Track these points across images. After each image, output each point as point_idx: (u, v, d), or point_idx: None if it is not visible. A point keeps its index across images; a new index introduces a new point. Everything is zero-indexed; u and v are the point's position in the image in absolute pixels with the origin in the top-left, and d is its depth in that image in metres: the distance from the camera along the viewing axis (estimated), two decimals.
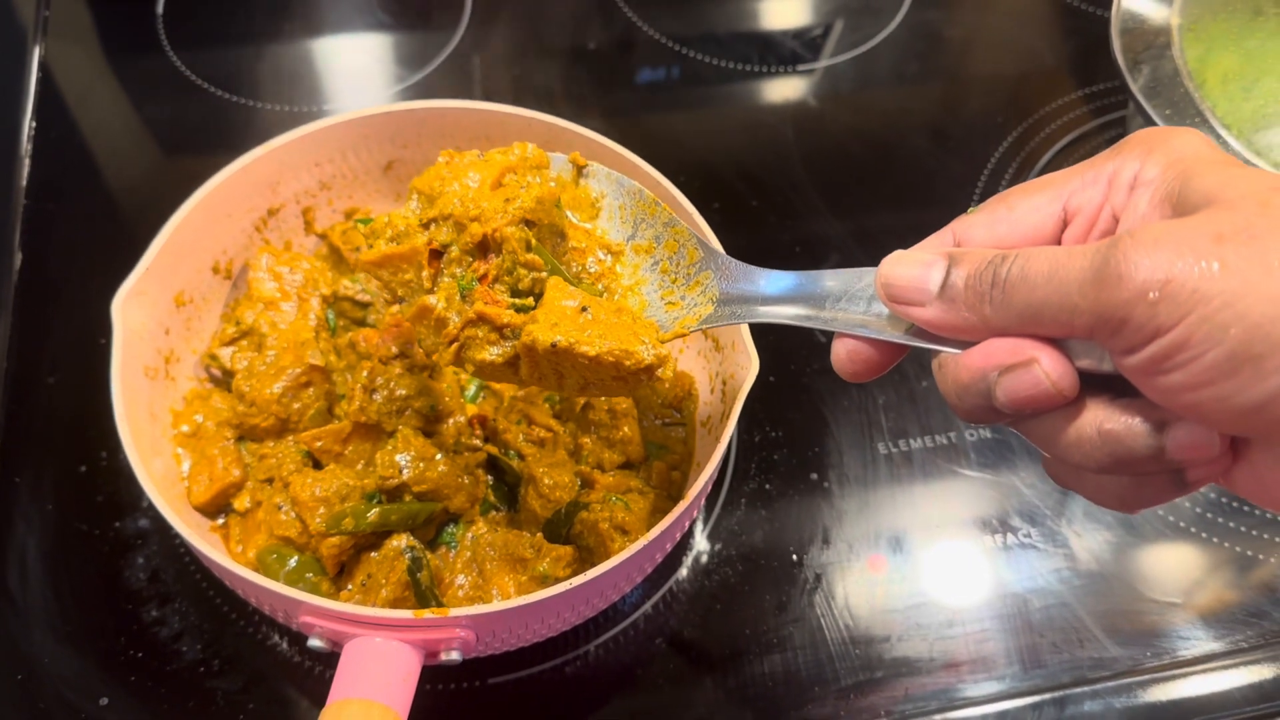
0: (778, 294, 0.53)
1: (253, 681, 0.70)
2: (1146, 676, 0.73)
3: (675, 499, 0.74)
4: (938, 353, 0.45)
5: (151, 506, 0.74)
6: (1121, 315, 0.36)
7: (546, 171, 0.60)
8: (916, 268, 0.44)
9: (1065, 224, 0.45)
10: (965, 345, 0.43)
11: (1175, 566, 0.78)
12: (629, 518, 0.67)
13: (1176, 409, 0.38)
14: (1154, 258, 0.36)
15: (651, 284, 0.58)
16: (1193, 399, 0.37)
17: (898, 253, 0.45)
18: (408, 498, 0.68)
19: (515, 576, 0.68)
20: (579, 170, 0.60)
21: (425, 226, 0.57)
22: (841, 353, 0.48)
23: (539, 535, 0.69)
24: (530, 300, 0.56)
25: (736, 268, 0.56)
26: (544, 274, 0.56)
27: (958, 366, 0.43)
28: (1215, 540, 0.79)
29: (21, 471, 0.77)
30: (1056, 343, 0.41)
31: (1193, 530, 0.79)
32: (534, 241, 0.56)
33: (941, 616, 0.75)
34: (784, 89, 1.08)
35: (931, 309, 0.43)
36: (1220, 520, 0.80)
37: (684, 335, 0.56)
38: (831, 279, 0.49)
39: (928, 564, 0.77)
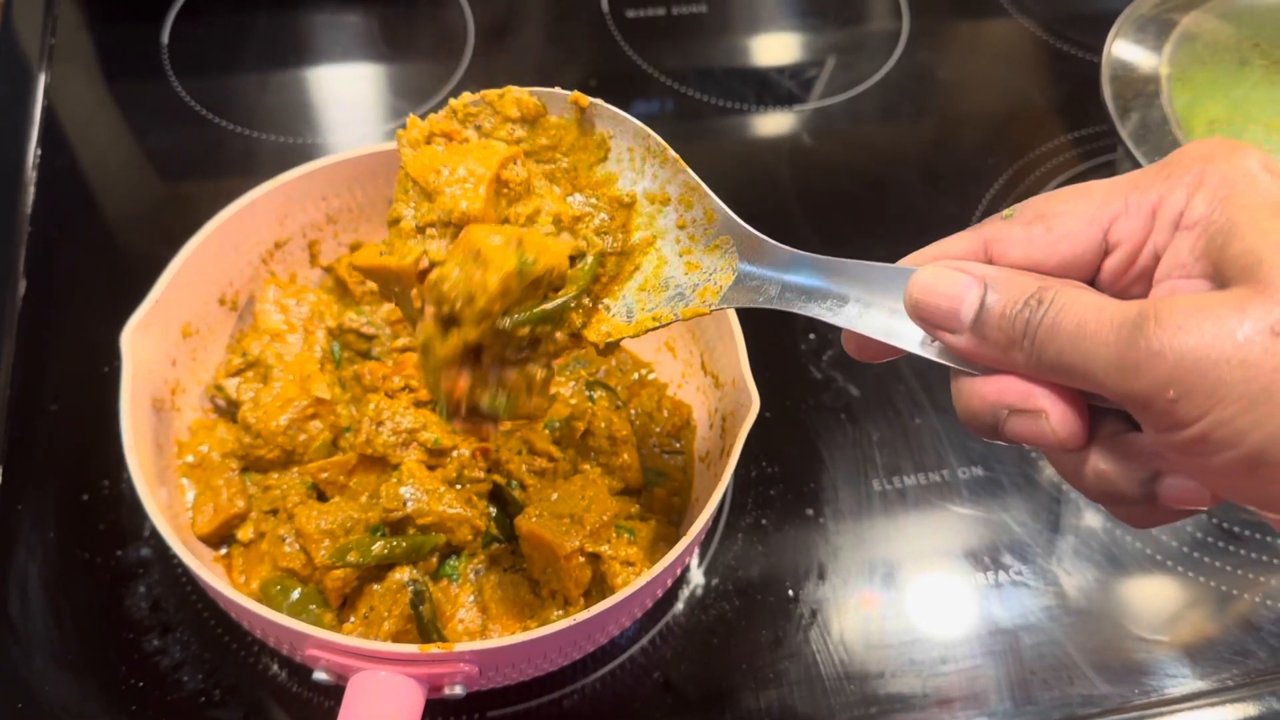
0: (799, 282, 0.49)
1: (253, 712, 0.70)
2: (1134, 714, 0.74)
3: (676, 524, 0.75)
4: (958, 371, 0.44)
5: (154, 535, 0.75)
6: (1142, 403, 0.37)
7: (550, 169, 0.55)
8: (950, 290, 0.42)
9: (1106, 252, 0.43)
10: (987, 369, 0.43)
11: (1161, 604, 0.80)
12: (633, 551, 0.68)
13: (1197, 478, 0.39)
14: (1176, 351, 0.35)
15: (669, 239, 0.54)
16: (1211, 480, 0.37)
17: (930, 269, 0.44)
18: (411, 530, 0.69)
19: (518, 612, 0.68)
20: (581, 112, 0.55)
21: (420, 231, 0.52)
22: (853, 342, 0.48)
23: (546, 571, 0.69)
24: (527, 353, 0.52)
25: (757, 240, 0.51)
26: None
27: (972, 393, 0.43)
28: (1201, 579, 0.80)
29: (23, 499, 0.78)
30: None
31: (1179, 569, 0.81)
32: (520, 318, 0.51)
33: (934, 653, 0.76)
34: (779, 126, 1.10)
35: (963, 338, 0.42)
36: (1205, 559, 0.81)
37: (704, 314, 0.52)
38: (857, 275, 0.47)
39: (921, 600, 0.78)
